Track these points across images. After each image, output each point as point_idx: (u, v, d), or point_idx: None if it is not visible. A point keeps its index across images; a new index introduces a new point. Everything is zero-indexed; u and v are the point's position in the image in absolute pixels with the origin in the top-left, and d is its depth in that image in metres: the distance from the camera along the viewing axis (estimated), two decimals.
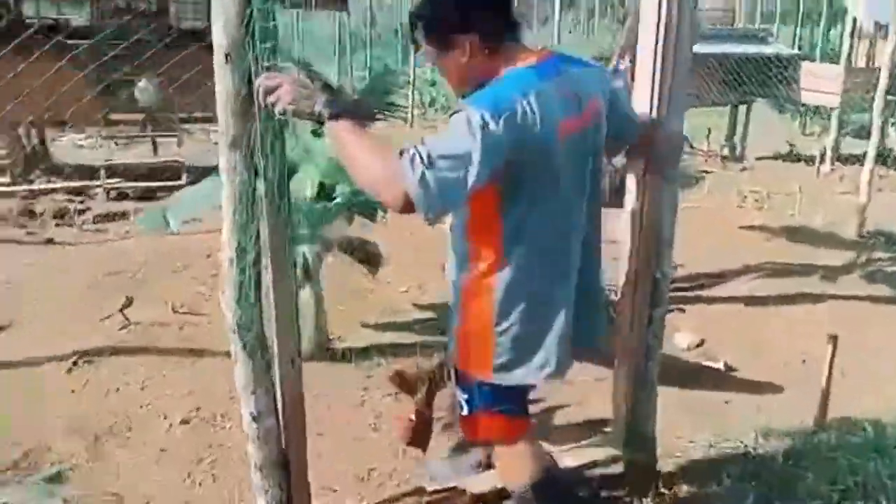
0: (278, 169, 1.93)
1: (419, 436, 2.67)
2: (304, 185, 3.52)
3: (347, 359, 3.94)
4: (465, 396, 2.06)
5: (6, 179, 8.04)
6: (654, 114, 2.44)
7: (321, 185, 3.62)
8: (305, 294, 4.00)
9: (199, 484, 2.88)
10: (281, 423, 2.15)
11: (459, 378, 2.08)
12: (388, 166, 1.67)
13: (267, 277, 2.02)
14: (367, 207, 3.81)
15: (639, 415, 2.74)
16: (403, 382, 2.86)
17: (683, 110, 2.54)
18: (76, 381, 3.65)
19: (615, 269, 2.61)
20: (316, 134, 1.92)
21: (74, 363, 3.78)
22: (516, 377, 1.97)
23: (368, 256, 4.19)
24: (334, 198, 3.94)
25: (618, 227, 2.67)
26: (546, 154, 1.80)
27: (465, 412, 2.09)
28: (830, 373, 3.07)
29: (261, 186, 1.92)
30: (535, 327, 1.93)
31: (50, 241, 6.26)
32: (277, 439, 2.16)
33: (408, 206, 1.66)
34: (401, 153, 1.66)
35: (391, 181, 1.66)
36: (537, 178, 1.83)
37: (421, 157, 1.63)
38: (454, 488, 2.35)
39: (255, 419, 2.11)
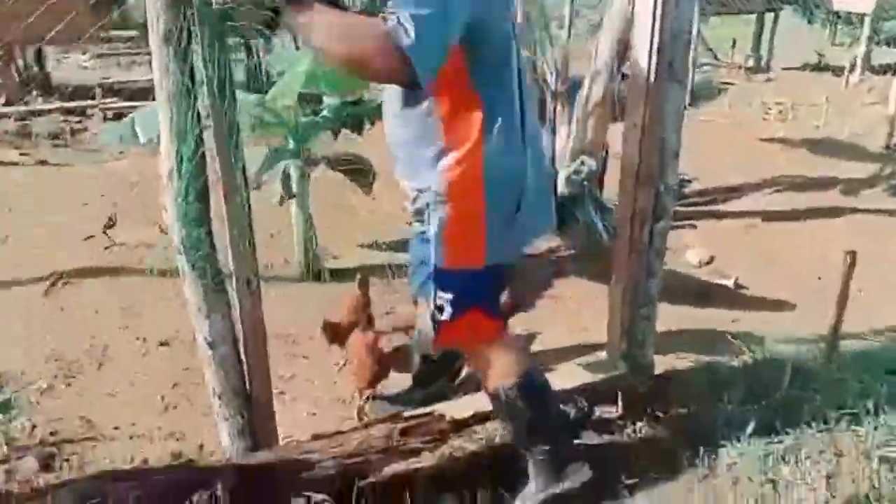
0: (219, 67, 1.71)
1: (378, 370, 2.56)
2: (284, 95, 3.28)
3: (339, 278, 3.78)
4: (450, 297, 1.91)
5: (1, 101, 7.87)
6: (659, 13, 2.17)
7: (302, 94, 3.37)
8: (293, 213, 3.83)
9: (174, 408, 2.77)
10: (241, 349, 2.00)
11: (442, 280, 1.92)
12: (377, 33, 1.60)
13: (219, 191, 1.83)
14: (353, 120, 3.58)
15: (635, 335, 2.56)
16: (335, 333, 2.72)
17: (692, 13, 2.28)
18: (55, 303, 3.54)
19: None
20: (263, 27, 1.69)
21: (53, 284, 3.66)
22: (506, 254, 1.95)
23: (361, 172, 3.98)
24: (320, 110, 3.71)
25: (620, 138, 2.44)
26: (500, 7, 1.81)
27: (446, 316, 1.93)
28: (846, 290, 2.85)
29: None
30: (518, 199, 1.89)
31: (43, 163, 6.11)
32: (236, 366, 2.01)
33: (400, 71, 1.62)
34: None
35: (383, 45, 1.60)
36: (495, 42, 1.81)
37: (408, 18, 1.58)
38: (431, 413, 2.20)
39: (210, 345, 1.96)
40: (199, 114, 1.74)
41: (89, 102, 7.64)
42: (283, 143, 3.52)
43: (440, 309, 1.93)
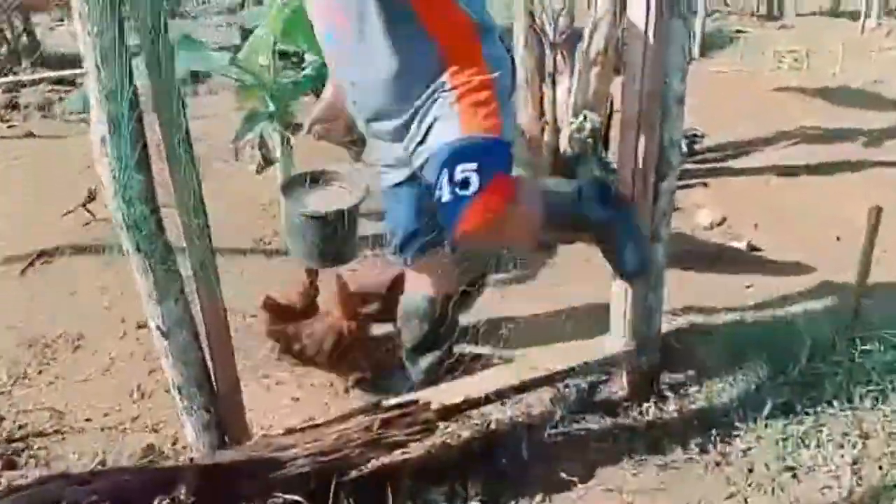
0: (151, 13, 1.48)
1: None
2: (257, 52, 3.04)
3: None
4: (474, 165, 1.85)
5: None
6: None
7: (280, 52, 3.14)
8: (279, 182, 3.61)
9: (150, 396, 2.60)
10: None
11: (462, 152, 1.87)
12: None
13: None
14: None
15: (640, 307, 2.35)
16: (278, 310, 2.51)
17: None
18: (31, 284, 3.36)
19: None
20: None
21: (31, 264, 3.48)
22: (511, 132, 2.02)
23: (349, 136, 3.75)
24: (303, 68, 3.48)
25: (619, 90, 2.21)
26: None
27: (472, 189, 1.85)
28: (870, 250, 2.62)
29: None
30: (511, 84, 2.03)
31: (30, 135, 5.91)
32: (196, 356, 1.82)
33: None
34: None
35: None
36: None
37: None
38: (416, 401, 2.01)
39: (164, 335, 1.77)
40: (132, 71, 1.52)
41: (77, 71, 7.38)
42: (262, 105, 3.28)
43: (464, 184, 1.85)
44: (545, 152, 4.00)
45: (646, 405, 2.34)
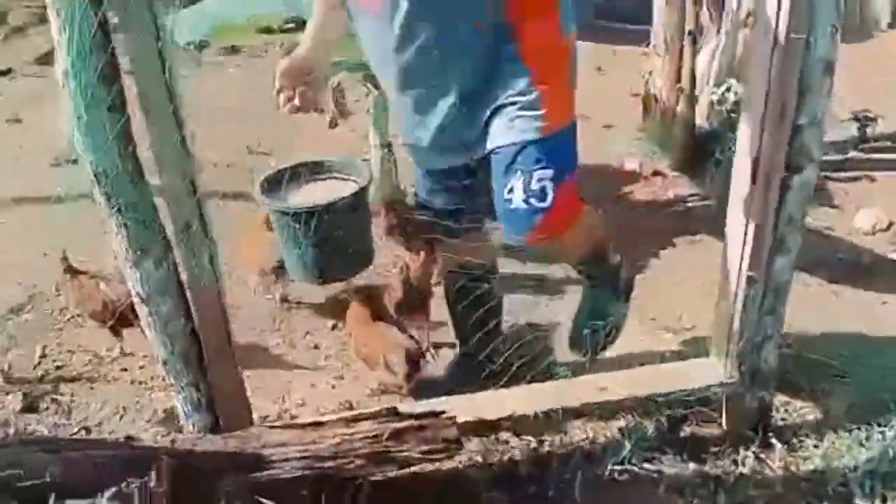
0: None
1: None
2: None
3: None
4: (550, 172, 1.70)
5: None
6: None
7: None
8: (370, 138, 3.31)
9: None
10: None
11: (539, 154, 1.70)
12: None
13: None
14: None
15: (752, 330, 1.85)
16: None
17: None
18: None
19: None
20: None
21: None
22: None
23: None
24: None
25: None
26: None
27: (548, 201, 1.70)
28: None
29: None
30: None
31: None
32: (183, 326, 1.56)
33: None
34: None
35: None
36: None
37: None
38: (438, 414, 1.65)
39: (144, 301, 1.51)
40: None
41: None
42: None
43: (540, 195, 1.71)
44: (678, 125, 3.47)
45: (743, 453, 1.87)
